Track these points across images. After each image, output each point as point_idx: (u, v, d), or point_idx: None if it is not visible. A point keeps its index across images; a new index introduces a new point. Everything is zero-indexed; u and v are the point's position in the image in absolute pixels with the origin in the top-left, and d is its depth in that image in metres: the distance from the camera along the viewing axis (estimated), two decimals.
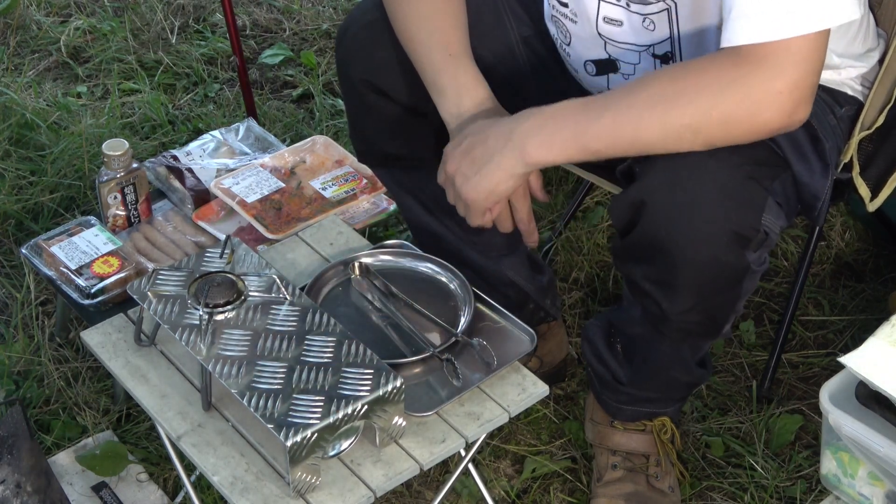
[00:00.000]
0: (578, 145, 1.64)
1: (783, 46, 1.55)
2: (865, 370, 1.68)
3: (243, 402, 1.56)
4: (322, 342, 1.64)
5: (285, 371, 1.60)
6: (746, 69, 1.56)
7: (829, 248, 2.53)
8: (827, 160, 1.78)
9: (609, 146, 1.63)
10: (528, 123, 1.67)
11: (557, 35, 1.93)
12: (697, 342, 1.88)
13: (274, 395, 1.57)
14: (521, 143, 1.66)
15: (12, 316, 2.39)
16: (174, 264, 1.77)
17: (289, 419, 1.54)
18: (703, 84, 1.58)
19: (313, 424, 1.54)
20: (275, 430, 1.53)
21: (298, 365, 1.61)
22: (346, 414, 1.56)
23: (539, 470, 2.12)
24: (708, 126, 1.59)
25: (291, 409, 1.55)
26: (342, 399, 1.56)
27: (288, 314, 1.68)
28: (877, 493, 1.83)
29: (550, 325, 2.23)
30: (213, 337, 1.65)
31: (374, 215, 2.46)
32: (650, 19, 1.76)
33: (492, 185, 1.71)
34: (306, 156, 2.55)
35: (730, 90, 1.56)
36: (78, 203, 2.66)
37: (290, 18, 3.31)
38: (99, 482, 2.07)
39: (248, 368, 1.61)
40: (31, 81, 3.05)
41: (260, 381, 1.59)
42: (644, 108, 1.60)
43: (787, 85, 1.56)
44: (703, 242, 1.66)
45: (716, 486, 2.10)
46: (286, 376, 1.59)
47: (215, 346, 1.64)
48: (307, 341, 1.64)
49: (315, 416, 1.54)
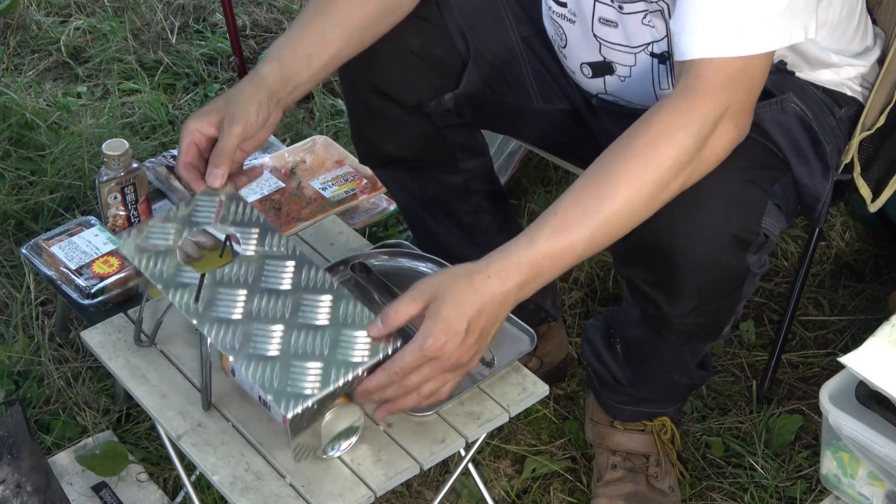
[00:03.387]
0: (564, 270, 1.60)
1: (733, 65, 1.56)
2: (865, 370, 1.68)
3: (241, 368, 1.54)
4: (318, 301, 1.61)
5: (282, 335, 1.57)
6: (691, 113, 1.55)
7: (829, 248, 2.53)
8: (828, 162, 1.78)
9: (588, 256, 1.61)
10: (512, 286, 1.54)
11: (555, 37, 1.93)
12: (697, 344, 1.88)
13: (272, 362, 1.54)
14: (514, 302, 1.58)
15: (12, 316, 2.39)
16: (164, 216, 1.71)
17: (288, 388, 1.51)
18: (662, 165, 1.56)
19: (313, 395, 1.51)
20: (275, 402, 1.51)
21: (295, 327, 1.58)
22: (347, 381, 1.53)
23: (539, 470, 2.12)
24: (668, 198, 1.59)
25: (290, 377, 1.52)
26: (341, 366, 1.54)
27: (281, 269, 1.65)
28: (877, 493, 1.83)
29: (550, 325, 2.23)
30: (208, 296, 1.61)
31: (374, 215, 2.46)
32: (644, 19, 1.76)
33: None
34: (306, 156, 2.55)
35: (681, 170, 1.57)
36: (78, 203, 2.66)
37: (290, 18, 3.30)
38: (99, 482, 2.07)
39: (242, 331, 1.57)
40: (31, 81, 3.05)
41: (255, 345, 1.56)
42: (613, 224, 1.56)
43: (736, 109, 1.57)
44: (704, 245, 1.66)
45: (716, 486, 2.10)
46: (283, 341, 1.56)
47: (209, 308, 1.60)
48: (304, 300, 1.61)
49: (315, 385, 1.51)
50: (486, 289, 1.53)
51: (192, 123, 1.70)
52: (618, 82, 1.86)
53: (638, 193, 1.55)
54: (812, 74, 1.82)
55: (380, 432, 1.68)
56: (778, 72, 1.77)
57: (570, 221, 1.54)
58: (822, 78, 1.84)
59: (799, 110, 1.76)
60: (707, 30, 1.56)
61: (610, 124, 1.88)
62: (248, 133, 1.70)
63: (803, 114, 1.77)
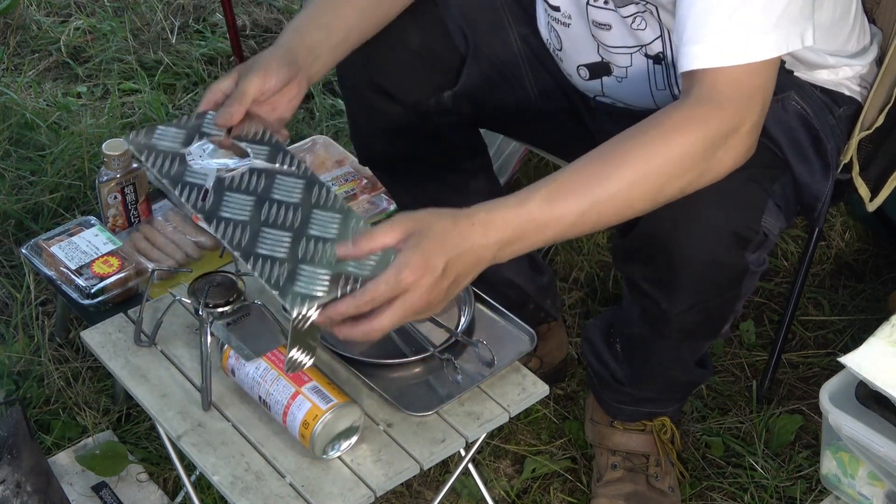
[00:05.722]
0: (546, 242, 1.59)
1: (749, 79, 1.55)
2: (865, 370, 1.68)
3: (248, 266, 1.50)
4: (327, 216, 1.58)
5: (290, 240, 1.54)
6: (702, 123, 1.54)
7: (829, 248, 2.53)
8: (828, 160, 1.78)
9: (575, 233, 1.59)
10: (493, 240, 1.51)
11: (550, 40, 1.93)
12: (697, 342, 1.88)
13: (279, 262, 1.51)
14: (492, 259, 1.55)
15: (12, 316, 2.39)
16: (173, 121, 1.68)
17: (295, 288, 1.48)
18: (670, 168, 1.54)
19: (319, 297, 1.47)
20: (279, 296, 1.47)
21: (304, 237, 1.54)
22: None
23: (539, 470, 2.12)
24: (665, 198, 1.57)
25: (297, 278, 1.49)
26: (348, 276, 1.49)
27: (293, 185, 1.62)
28: (877, 493, 1.83)
29: (550, 325, 2.23)
30: (216, 198, 1.58)
31: (374, 215, 2.46)
32: (637, 20, 1.76)
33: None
34: (306, 156, 2.55)
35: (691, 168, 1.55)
36: (78, 203, 2.66)
37: (290, 18, 3.30)
38: (99, 482, 2.07)
39: (251, 232, 1.54)
40: (31, 81, 3.05)
41: (264, 246, 1.52)
42: (605, 205, 1.53)
43: (750, 128, 1.56)
44: (703, 243, 1.66)
45: (716, 486, 2.10)
46: (291, 245, 1.53)
47: (217, 208, 1.57)
48: (313, 214, 1.58)
49: (321, 289, 1.48)
50: (468, 234, 1.49)
51: (214, 85, 1.68)
52: (615, 83, 1.86)
53: (637, 181, 1.52)
54: (810, 75, 1.83)
55: (380, 432, 1.68)
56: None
57: (566, 192, 1.52)
58: (820, 78, 1.84)
59: (800, 108, 1.77)
60: (716, 38, 1.55)
61: (609, 124, 1.88)
62: (267, 83, 1.66)
63: (804, 112, 1.77)
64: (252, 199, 1.58)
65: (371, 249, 1.49)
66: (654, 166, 1.53)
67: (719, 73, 1.55)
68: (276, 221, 1.56)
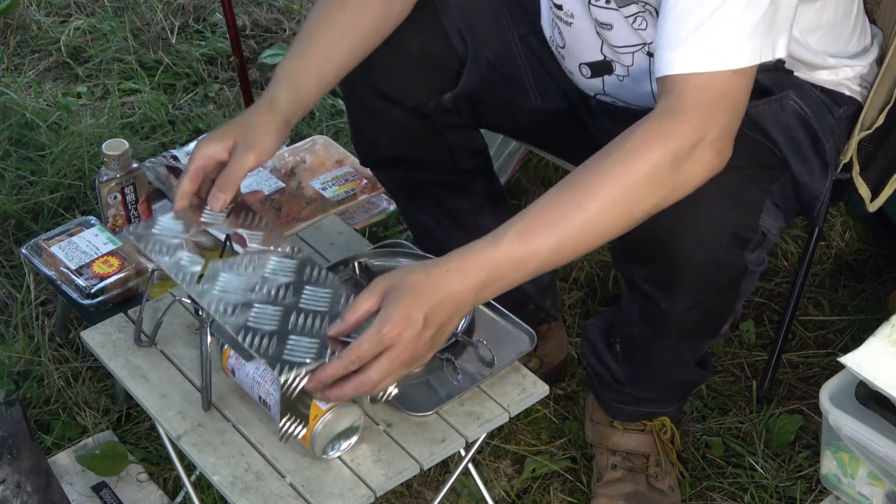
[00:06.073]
0: (525, 278, 1.58)
1: (715, 87, 1.54)
2: (865, 370, 1.68)
3: (238, 339, 1.54)
4: (319, 292, 1.62)
5: (281, 314, 1.57)
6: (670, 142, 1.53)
7: (829, 248, 2.53)
8: (827, 160, 1.78)
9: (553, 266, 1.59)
10: (471, 284, 1.52)
11: (553, 37, 1.93)
12: (696, 342, 1.88)
13: (269, 335, 1.54)
14: (473, 302, 1.56)
15: (12, 316, 2.39)
16: (173, 213, 1.72)
17: (283, 357, 1.51)
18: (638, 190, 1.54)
19: (307, 363, 1.51)
20: (268, 364, 1.51)
21: (295, 311, 1.58)
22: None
23: (539, 470, 2.12)
24: (640, 216, 1.57)
25: (287, 348, 1.52)
26: (340, 344, 1.53)
27: (286, 266, 1.65)
28: (877, 493, 1.83)
29: (550, 325, 2.23)
30: (210, 281, 1.62)
31: (374, 215, 2.47)
32: (638, 20, 1.76)
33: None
34: (306, 156, 2.55)
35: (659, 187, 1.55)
36: (78, 203, 2.66)
37: (290, 18, 3.31)
38: (99, 482, 2.07)
39: (243, 309, 1.58)
40: (31, 81, 3.05)
41: (256, 321, 1.56)
42: (580, 235, 1.54)
43: (717, 135, 1.55)
44: (702, 243, 1.66)
45: (716, 486, 2.10)
46: (282, 319, 1.57)
47: (211, 286, 1.60)
48: (305, 291, 1.62)
49: (310, 356, 1.51)
50: (444, 282, 1.50)
51: (204, 147, 1.69)
52: (616, 82, 1.87)
53: (608, 206, 1.53)
54: (810, 75, 1.83)
55: (380, 432, 1.68)
56: (777, 71, 1.77)
57: (536, 228, 1.52)
58: (820, 78, 1.84)
59: (798, 108, 1.76)
60: (686, 45, 1.55)
61: (608, 124, 1.88)
62: (261, 162, 1.69)
63: (802, 112, 1.77)
64: (245, 280, 1.62)
65: (357, 320, 1.52)
66: (620, 191, 1.53)
67: (688, 79, 1.55)
68: (268, 298, 1.60)
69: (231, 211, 1.71)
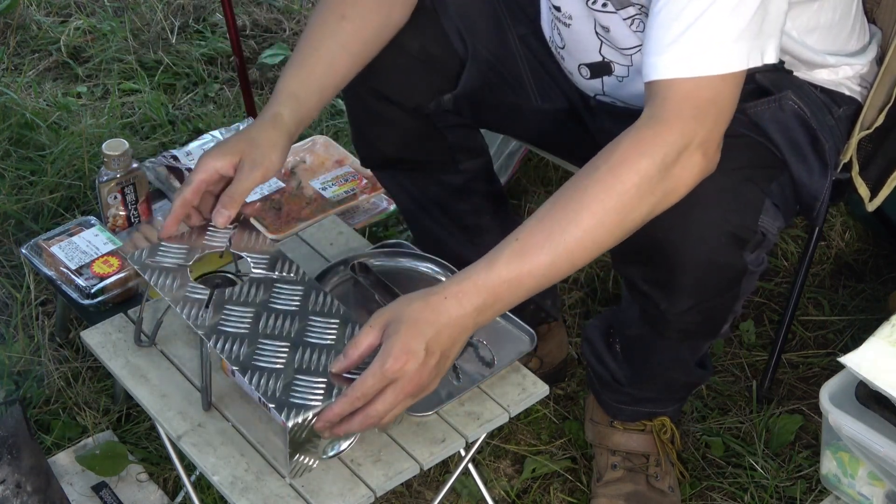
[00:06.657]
0: (523, 297, 1.58)
1: (700, 92, 1.54)
2: (865, 370, 1.68)
3: (244, 379, 1.55)
4: (325, 323, 1.62)
5: (287, 350, 1.58)
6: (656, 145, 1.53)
7: (829, 248, 2.53)
8: (826, 160, 1.78)
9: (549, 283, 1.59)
10: (470, 309, 1.52)
11: (553, 38, 1.93)
12: (696, 342, 1.88)
13: (275, 374, 1.55)
14: (474, 326, 1.56)
15: (12, 316, 2.39)
16: (177, 235, 1.73)
17: (290, 399, 1.52)
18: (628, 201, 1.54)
19: (314, 406, 1.52)
20: (276, 410, 1.52)
21: (301, 345, 1.59)
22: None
23: (539, 470, 2.12)
24: (632, 227, 1.57)
25: (293, 389, 1.53)
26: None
27: (291, 293, 1.66)
28: (877, 493, 1.83)
29: (550, 325, 2.23)
30: (215, 312, 1.63)
31: (374, 215, 2.47)
32: (636, 22, 1.76)
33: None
34: (306, 156, 2.55)
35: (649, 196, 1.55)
36: (78, 203, 2.66)
37: (290, 18, 3.31)
38: (99, 482, 2.07)
39: (249, 345, 1.58)
40: (31, 81, 3.05)
41: (261, 359, 1.57)
42: (574, 250, 1.54)
43: (703, 140, 1.55)
44: (701, 243, 1.66)
45: (716, 486, 2.10)
46: (288, 355, 1.57)
47: (216, 322, 1.61)
48: (310, 321, 1.62)
49: (316, 398, 1.52)
50: (443, 309, 1.51)
51: (211, 161, 1.69)
52: (615, 83, 1.87)
53: (601, 221, 1.53)
54: (809, 74, 1.83)
55: (380, 432, 1.68)
56: (776, 71, 1.77)
57: (530, 247, 1.53)
58: (819, 78, 1.84)
59: (797, 108, 1.77)
60: (670, 50, 1.55)
61: (608, 124, 1.88)
62: (266, 179, 1.70)
63: (802, 112, 1.77)
64: (251, 311, 1.63)
65: (360, 356, 1.53)
66: (610, 204, 1.53)
67: (672, 84, 1.55)
68: (274, 332, 1.61)
69: (235, 230, 1.72)
